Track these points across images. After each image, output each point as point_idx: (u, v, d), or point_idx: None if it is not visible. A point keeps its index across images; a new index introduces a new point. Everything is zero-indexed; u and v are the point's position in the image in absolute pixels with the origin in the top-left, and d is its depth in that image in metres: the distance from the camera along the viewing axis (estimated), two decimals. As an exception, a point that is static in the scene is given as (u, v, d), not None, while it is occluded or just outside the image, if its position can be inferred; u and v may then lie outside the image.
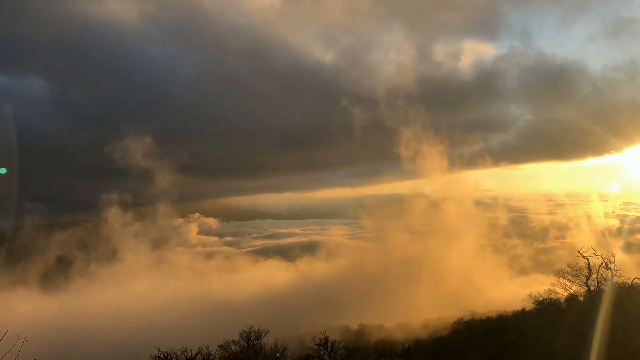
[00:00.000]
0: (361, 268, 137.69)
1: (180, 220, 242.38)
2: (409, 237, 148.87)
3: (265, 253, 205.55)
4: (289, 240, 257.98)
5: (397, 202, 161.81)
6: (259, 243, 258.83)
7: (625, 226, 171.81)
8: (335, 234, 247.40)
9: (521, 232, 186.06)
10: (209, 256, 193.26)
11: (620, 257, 46.82)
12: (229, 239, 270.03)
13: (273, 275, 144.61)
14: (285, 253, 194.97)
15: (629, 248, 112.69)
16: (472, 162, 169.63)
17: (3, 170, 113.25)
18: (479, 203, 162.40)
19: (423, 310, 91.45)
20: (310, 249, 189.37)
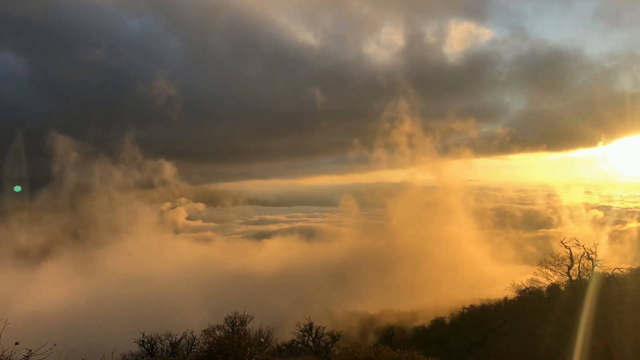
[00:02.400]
0: (347, 255, 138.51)
1: (168, 204, 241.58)
2: (396, 225, 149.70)
3: (250, 239, 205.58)
4: (275, 227, 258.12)
5: (385, 190, 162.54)
6: (244, 229, 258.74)
7: (610, 217, 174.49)
8: (321, 221, 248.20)
9: (509, 221, 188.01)
10: (194, 241, 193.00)
11: (603, 247, 47.46)
12: (214, 224, 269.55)
13: (259, 261, 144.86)
14: (271, 239, 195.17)
15: (612, 239, 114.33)
16: (462, 151, 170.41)
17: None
18: (467, 192, 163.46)
19: (407, 298, 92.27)
20: (296, 236, 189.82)
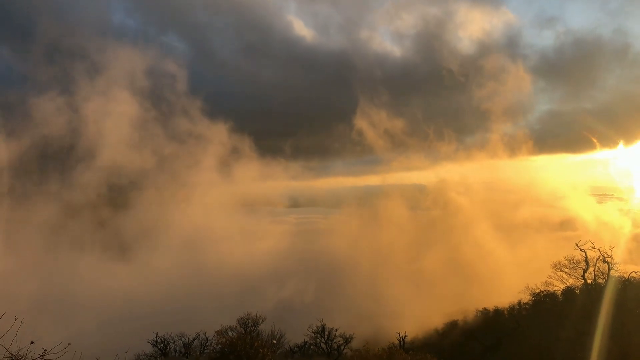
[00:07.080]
0: (360, 257, 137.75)
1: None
2: (411, 227, 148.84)
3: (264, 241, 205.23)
4: (288, 228, 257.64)
5: (403, 192, 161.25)
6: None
7: (629, 220, 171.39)
8: (335, 222, 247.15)
9: (528, 223, 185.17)
10: (208, 242, 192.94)
11: (620, 250, 46.81)
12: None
13: (270, 263, 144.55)
14: (285, 241, 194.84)
15: (630, 242, 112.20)
16: (481, 151, 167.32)
17: None
18: (487, 193, 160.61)
19: (420, 303, 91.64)
20: (311, 237, 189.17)
